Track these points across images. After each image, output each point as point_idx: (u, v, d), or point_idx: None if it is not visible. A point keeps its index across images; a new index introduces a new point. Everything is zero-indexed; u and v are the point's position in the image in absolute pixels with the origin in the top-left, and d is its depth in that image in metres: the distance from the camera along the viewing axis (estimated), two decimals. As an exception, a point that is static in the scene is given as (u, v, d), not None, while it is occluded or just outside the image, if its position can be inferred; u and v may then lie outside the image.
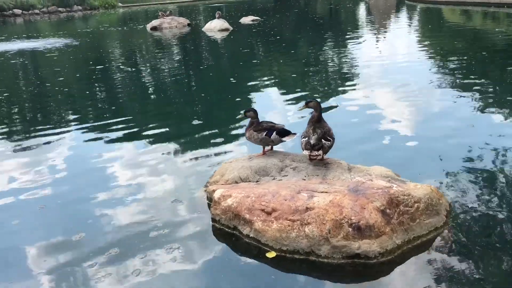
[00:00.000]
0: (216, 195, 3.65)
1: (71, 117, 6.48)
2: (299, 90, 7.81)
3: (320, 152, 3.82)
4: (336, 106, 6.43)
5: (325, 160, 4.06)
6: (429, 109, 5.22)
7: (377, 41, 11.61)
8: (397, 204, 3.22)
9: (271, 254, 3.19)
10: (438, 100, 5.38)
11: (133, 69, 11.71)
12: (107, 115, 7.34)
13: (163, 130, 6.35)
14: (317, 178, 3.76)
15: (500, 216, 3.54)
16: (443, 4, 27.30)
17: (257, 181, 3.90)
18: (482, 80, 5.99)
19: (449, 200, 3.69)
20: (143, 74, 10.93)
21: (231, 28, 19.66)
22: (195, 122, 6.55)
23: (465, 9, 23.06)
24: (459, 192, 3.95)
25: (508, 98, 5.30)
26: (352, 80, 6.66)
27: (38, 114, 6.75)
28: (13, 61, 14.68)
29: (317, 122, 3.98)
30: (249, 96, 7.61)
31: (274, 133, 4.15)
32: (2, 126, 5.65)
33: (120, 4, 54.93)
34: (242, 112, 4.35)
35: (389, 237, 3.07)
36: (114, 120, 6.86)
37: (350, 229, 3.04)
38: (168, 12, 24.13)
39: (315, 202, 3.22)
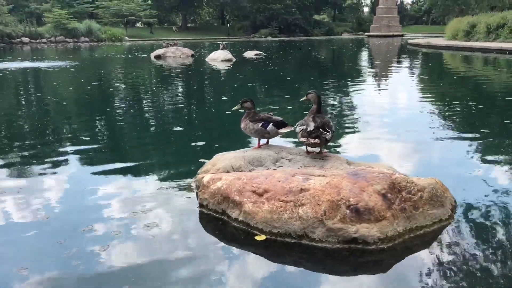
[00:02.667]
0: (205, 179, 3.41)
1: (67, 137, 6.31)
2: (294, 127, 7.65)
3: (317, 140, 3.58)
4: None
5: (323, 153, 3.84)
6: (429, 154, 5.07)
7: (378, 85, 11.57)
8: (399, 190, 2.98)
9: (260, 237, 2.92)
10: (438, 145, 5.26)
11: (132, 91, 11.64)
12: (102, 131, 7.16)
13: (154, 147, 6.14)
14: (314, 167, 3.53)
15: (508, 216, 3.28)
16: (444, 49, 27.74)
17: (250, 171, 3.66)
18: (483, 129, 5.95)
19: (455, 195, 3.43)
20: (141, 96, 10.82)
21: (234, 59, 19.81)
22: (187, 138, 6.36)
23: (466, 54, 23.35)
24: (466, 190, 3.71)
25: (507, 145, 5.22)
26: (350, 124, 6.53)
27: (30, 135, 6.58)
28: (13, 77, 14.67)
29: (317, 113, 3.79)
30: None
31: (271, 124, 3.94)
32: None
33: (127, 38, 56.07)
34: (239, 102, 4.14)
35: (390, 222, 2.81)
36: (106, 130, 6.69)
37: (348, 211, 2.78)
38: (173, 42, 24.43)
39: (310, 183, 2.98)
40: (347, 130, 6.22)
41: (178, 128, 6.59)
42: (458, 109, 7.64)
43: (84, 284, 2.53)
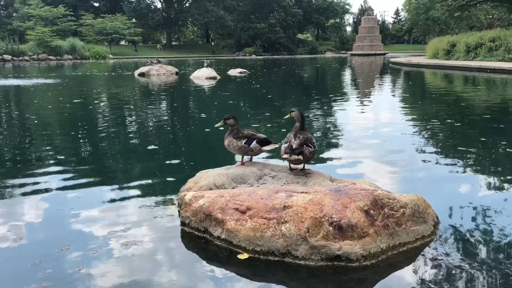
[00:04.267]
0: (187, 197, 3.36)
1: (45, 156, 6.21)
2: (277, 143, 7.67)
3: (300, 157, 3.57)
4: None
5: (306, 170, 3.84)
6: (411, 171, 5.10)
7: (361, 103, 11.69)
8: (381, 206, 2.98)
9: (243, 256, 2.88)
10: (420, 162, 5.33)
11: (115, 109, 11.55)
12: (81, 150, 7.08)
13: (136, 163, 6.08)
14: (297, 184, 3.52)
15: (490, 232, 3.31)
16: (425, 67, 28.25)
17: (233, 188, 3.63)
18: (463, 146, 6.07)
19: (437, 212, 3.44)
20: (124, 113, 10.75)
21: (218, 77, 19.87)
22: (170, 156, 6.31)
23: (446, 72, 23.79)
24: (448, 207, 3.73)
25: (486, 162, 5.31)
26: (334, 141, 6.58)
27: (6, 154, 6.48)
28: (1, 94, 14.49)
29: (300, 130, 3.80)
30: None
31: (254, 141, 3.93)
32: None
33: (111, 55, 55.94)
34: (222, 119, 4.12)
35: (373, 239, 2.80)
36: (86, 149, 6.60)
37: (331, 228, 2.77)
38: (156, 60, 24.42)
39: (293, 200, 2.96)
40: (330, 147, 6.24)
41: (161, 146, 6.55)
42: (439, 126, 7.74)
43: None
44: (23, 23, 57.62)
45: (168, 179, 4.84)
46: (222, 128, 4.13)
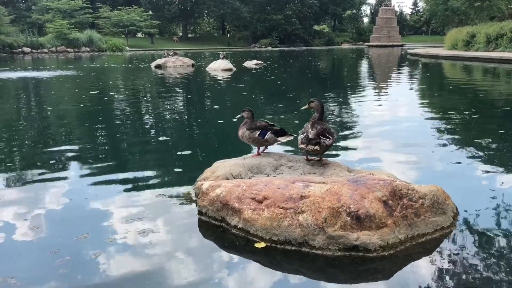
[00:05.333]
0: (204, 186, 3.37)
1: (64, 147, 6.27)
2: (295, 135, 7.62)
3: (317, 147, 3.55)
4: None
5: (323, 161, 3.81)
6: (429, 162, 5.02)
7: (378, 94, 11.54)
8: (400, 197, 2.95)
9: (260, 245, 2.88)
10: (438, 153, 5.23)
11: (132, 100, 11.63)
12: (100, 140, 7.15)
13: (154, 155, 6.11)
14: (314, 174, 3.50)
15: (510, 224, 3.25)
16: (444, 59, 27.82)
17: (249, 178, 3.62)
18: (483, 138, 5.94)
19: (457, 204, 3.39)
20: (141, 105, 10.83)
21: (234, 69, 19.86)
22: (186, 146, 6.34)
23: (465, 64, 23.40)
24: (467, 198, 3.67)
25: (506, 154, 5.19)
26: (350, 132, 6.51)
27: (27, 145, 6.55)
28: (14, 87, 14.69)
29: (317, 120, 3.77)
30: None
31: (269, 133, 3.92)
32: None
33: (127, 48, 56.30)
34: (241, 113, 4.12)
35: (391, 230, 2.77)
36: (104, 139, 6.67)
37: (349, 218, 2.75)
38: (173, 52, 24.49)
39: (311, 190, 2.94)
40: (347, 139, 6.19)
41: (176, 137, 6.58)
42: (457, 118, 7.62)
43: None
44: (42, 16, 58.25)
45: (184, 169, 4.86)
46: (235, 120, 4.13)
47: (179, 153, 5.50)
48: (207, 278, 2.61)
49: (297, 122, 7.29)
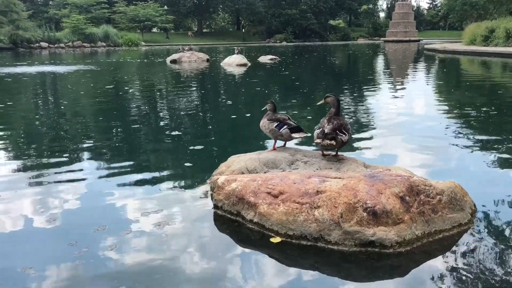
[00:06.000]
0: (220, 181, 3.38)
1: (80, 141, 6.34)
2: (309, 132, 7.59)
3: (333, 142, 3.52)
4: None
5: (339, 156, 3.79)
6: (446, 158, 4.95)
7: (394, 90, 11.41)
8: (417, 193, 2.92)
9: (275, 240, 2.88)
10: (455, 149, 5.16)
11: (148, 95, 11.70)
12: (116, 134, 7.20)
13: (169, 146, 6.14)
14: (330, 170, 3.48)
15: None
16: (462, 54, 27.43)
17: (264, 173, 3.62)
18: (500, 134, 5.83)
19: (475, 200, 3.34)
20: (157, 99, 10.89)
21: (249, 64, 19.84)
22: (202, 140, 6.35)
23: (484, 59, 23.03)
24: (486, 195, 3.62)
25: None
26: (366, 128, 6.45)
27: (44, 138, 6.62)
28: (31, 81, 14.89)
29: (334, 115, 3.75)
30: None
31: (285, 127, 3.91)
32: (12, 151, 5.55)
33: (143, 43, 56.57)
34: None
35: (408, 226, 2.75)
36: (120, 133, 6.72)
37: (365, 213, 2.73)
38: (188, 47, 24.55)
39: (327, 185, 2.93)
40: (363, 134, 6.15)
41: (192, 131, 6.61)
42: (475, 114, 7.52)
43: (93, 284, 2.52)
44: (59, 11, 58.78)
45: (199, 163, 4.88)
46: (248, 115, 4.13)
47: (194, 147, 5.52)
48: (222, 271, 2.62)
49: (310, 117, 7.25)
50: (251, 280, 2.53)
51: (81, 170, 4.60)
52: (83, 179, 4.28)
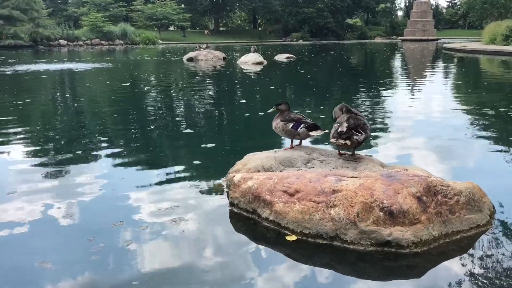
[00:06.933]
0: (236, 178, 3.40)
1: (98, 137, 6.41)
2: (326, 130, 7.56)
3: (348, 142, 3.51)
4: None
5: (355, 155, 3.78)
6: (464, 159, 4.90)
7: (412, 89, 11.29)
8: (435, 193, 2.90)
9: (291, 238, 2.88)
10: (474, 150, 5.09)
11: (164, 92, 11.78)
12: (133, 131, 7.27)
13: (185, 141, 6.18)
14: (347, 169, 3.47)
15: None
16: (481, 54, 27.02)
17: (280, 171, 3.63)
18: None
19: (493, 201, 3.30)
20: (173, 97, 10.97)
21: (265, 62, 19.84)
22: (218, 138, 6.37)
23: (505, 59, 22.66)
24: (505, 196, 3.57)
25: None
26: (383, 128, 6.40)
27: (62, 135, 6.71)
28: (50, 78, 15.10)
29: (350, 112, 3.73)
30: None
31: (302, 126, 3.90)
32: (31, 147, 5.65)
33: (160, 41, 56.95)
34: (274, 105, 4.12)
35: (425, 226, 2.73)
36: (137, 130, 6.78)
37: (381, 213, 2.72)
38: (205, 45, 24.64)
39: (343, 185, 2.93)
40: (380, 134, 6.11)
41: (208, 129, 6.64)
42: (494, 115, 7.40)
43: (109, 279, 2.56)
44: (78, 9, 59.52)
45: (215, 161, 4.91)
46: (262, 114, 4.13)
47: (209, 145, 5.54)
48: (238, 269, 2.63)
49: (323, 116, 7.22)
50: (267, 278, 2.54)
51: (98, 166, 4.66)
52: (100, 175, 4.34)
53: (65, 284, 2.51)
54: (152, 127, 6.85)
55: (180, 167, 4.65)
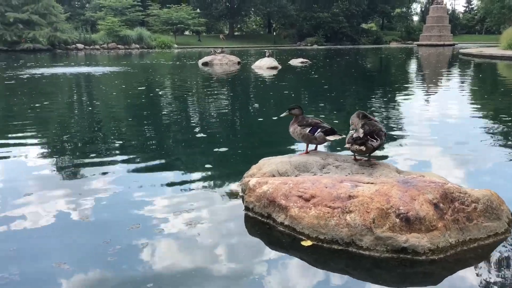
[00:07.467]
0: (251, 183, 3.41)
1: (113, 140, 6.50)
2: (344, 135, 7.53)
3: (362, 147, 3.49)
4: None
5: (371, 161, 3.76)
6: (481, 166, 4.84)
7: (427, 95, 11.19)
8: (452, 200, 2.87)
9: (306, 243, 2.88)
10: (491, 157, 5.02)
11: (179, 96, 11.86)
12: (148, 134, 7.34)
13: (199, 148, 6.21)
14: (362, 175, 3.46)
15: None
16: (499, 59, 26.70)
17: (296, 176, 3.63)
18: None
19: (512, 210, 3.26)
20: (188, 101, 11.02)
21: (279, 67, 19.85)
22: (233, 143, 6.39)
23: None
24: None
25: None
26: (399, 134, 6.34)
27: (78, 137, 6.79)
28: (67, 81, 15.32)
29: (367, 118, 3.71)
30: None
31: (319, 130, 3.90)
32: (47, 149, 5.74)
33: (175, 45, 57.37)
34: (287, 109, 4.13)
35: (442, 233, 2.71)
36: (152, 134, 6.84)
37: (398, 219, 2.71)
38: (220, 50, 24.75)
39: (359, 190, 2.92)
40: (396, 140, 6.07)
41: (222, 132, 6.66)
42: (511, 121, 7.31)
43: (124, 281, 2.58)
44: (95, 14, 60.25)
45: (229, 165, 4.93)
46: (275, 118, 4.14)
47: (223, 149, 5.56)
48: (252, 273, 2.64)
49: (336, 122, 7.19)
50: (282, 283, 2.54)
51: (114, 169, 4.71)
52: (116, 178, 4.38)
53: (82, 285, 2.55)
54: (167, 131, 6.91)
55: (194, 171, 4.68)
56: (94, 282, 2.57)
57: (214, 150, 5.56)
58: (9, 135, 6.53)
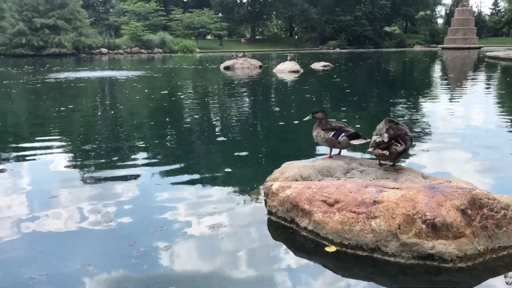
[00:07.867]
0: (274, 187, 3.39)
1: (136, 143, 6.57)
2: (368, 139, 7.46)
3: (386, 152, 3.44)
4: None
5: (396, 166, 3.71)
6: (509, 173, 4.72)
7: (453, 99, 10.99)
8: (480, 206, 2.80)
9: (330, 249, 2.85)
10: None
11: (202, 100, 11.91)
12: (170, 138, 7.39)
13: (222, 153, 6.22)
14: (387, 180, 3.41)
15: None
16: (526, 62, 26.08)
17: (319, 181, 3.60)
18: None
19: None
20: (210, 105, 11.07)
21: (301, 71, 19.81)
22: (255, 147, 6.38)
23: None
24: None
25: None
26: (424, 138, 6.24)
27: (101, 141, 6.86)
28: (91, 85, 15.57)
29: (393, 122, 3.66)
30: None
31: (343, 134, 3.86)
32: (71, 153, 5.84)
33: (197, 49, 57.83)
34: (310, 113, 4.10)
35: (470, 240, 2.65)
36: (174, 137, 6.88)
37: (424, 226, 2.65)
38: (241, 54, 24.83)
39: (384, 196, 2.87)
40: (421, 144, 5.96)
41: (245, 136, 6.67)
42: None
43: (146, 283, 2.60)
44: (119, 18, 61.20)
45: (251, 168, 4.92)
46: (296, 122, 4.11)
47: (245, 153, 5.56)
48: (274, 279, 2.63)
49: (358, 126, 7.12)
50: (305, 288, 2.52)
51: (137, 172, 4.75)
52: (139, 182, 4.42)
53: (106, 286, 2.57)
54: (189, 134, 6.95)
55: (216, 174, 4.70)
56: (118, 284, 2.60)
57: (236, 154, 5.56)
58: (35, 138, 6.66)
